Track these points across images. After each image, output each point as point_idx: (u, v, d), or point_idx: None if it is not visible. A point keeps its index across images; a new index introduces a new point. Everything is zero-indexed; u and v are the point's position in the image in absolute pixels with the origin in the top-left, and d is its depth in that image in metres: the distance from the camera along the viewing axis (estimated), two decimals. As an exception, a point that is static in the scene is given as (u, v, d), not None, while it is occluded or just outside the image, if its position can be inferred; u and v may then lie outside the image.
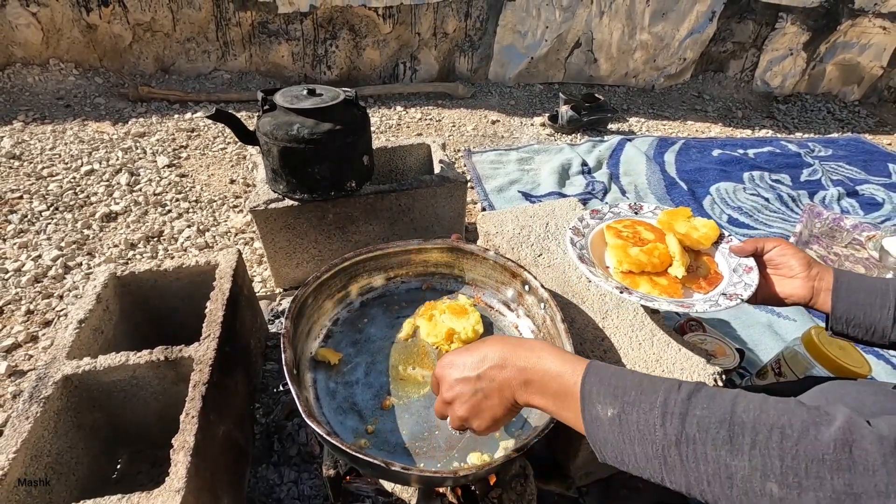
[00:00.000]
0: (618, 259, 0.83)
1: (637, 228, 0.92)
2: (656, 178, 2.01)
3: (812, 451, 0.38)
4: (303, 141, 1.06)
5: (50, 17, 2.19)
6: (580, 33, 2.79)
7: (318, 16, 2.49)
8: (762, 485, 0.39)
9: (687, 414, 0.43)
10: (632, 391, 0.47)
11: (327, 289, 0.90)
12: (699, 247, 0.88)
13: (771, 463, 0.39)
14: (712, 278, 0.84)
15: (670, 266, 0.84)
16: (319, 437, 0.63)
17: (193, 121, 2.19)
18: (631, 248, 0.85)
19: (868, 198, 2.06)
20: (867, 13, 2.86)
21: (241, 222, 1.59)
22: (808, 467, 0.38)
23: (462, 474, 0.60)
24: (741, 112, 2.90)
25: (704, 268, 0.87)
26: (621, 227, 0.91)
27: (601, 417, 0.47)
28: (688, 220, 0.92)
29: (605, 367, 0.51)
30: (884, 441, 0.37)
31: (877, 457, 0.36)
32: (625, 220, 0.95)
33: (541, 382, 0.52)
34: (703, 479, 0.42)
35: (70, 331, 0.84)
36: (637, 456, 0.45)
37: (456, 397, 0.58)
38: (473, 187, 1.90)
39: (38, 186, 1.67)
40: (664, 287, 0.80)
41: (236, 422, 0.88)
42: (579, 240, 0.89)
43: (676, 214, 0.93)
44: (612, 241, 0.87)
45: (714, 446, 0.41)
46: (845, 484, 0.36)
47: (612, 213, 0.97)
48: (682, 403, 0.44)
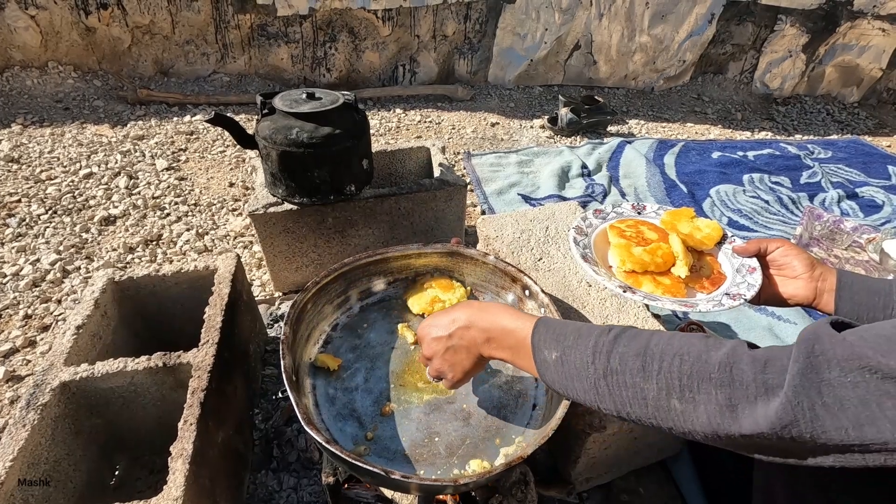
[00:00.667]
0: (621, 258, 0.83)
1: (640, 228, 0.92)
2: (656, 181, 2.01)
3: (703, 371, 0.45)
4: (302, 145, 1.06)
5: (49, 20, 2.19)
6: (579, 35, 2.79)
7: (317, 18, 2.49)
8: (667, 402, 0.47)
9: (612, 351, 0.51)
10: (570, 336, 0.55)
11: (327, 294, 0.89)
12: (702, 247, 0.88)
13: (672, 383, 0.47)
14: (715, 278, 0.84)
15: (673, 266, 0.84)
16: (318, 444, 0.62)
17: (192, 124, 2.19)
18: (634, 247, 0.85)
19: (868, 200, 2.05)
20: (866, 15, 2.86)
21: (240, 226, 1.58)
22: (700, 385, 0.45)
23: (462, 482, 0.60)
24: (740, 114, 2.90)
25: (707, 268, 0.87)
26: (624, 227, 0.91)
27: (548, 360, 0.56)
28: (691, 220, 0.91)
29: (552, 320, 0.60)
30: (756, 361, 0.43)
31: (749, 374, 0.43)
32: (628, 219, 0.95)
33: (500, 338, 0.62)
34: (626, 403, 0.50)
35: (68, 337, 0.83)
36: (577, 389, 0.54)
37: (433, 353, 0.69)
38: (473, 190, 1.89)
39: (37, 190, 1.66)
40: (667, 287, 0.80)
41: (235, 428, 0.88)
42: (582, 239, 0.89)
43: (679, 215, 0.93)
44: (615, 240, 0.87)
45: (631, 374, 0.49)
46: (726, 397, 0.44)
47: (615, 212, 0.97)
48: (608, 343, 0.52)
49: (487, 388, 0.83)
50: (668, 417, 0.47)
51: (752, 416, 0.42)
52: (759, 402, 0.42)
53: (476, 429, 0.77)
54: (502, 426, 0.77)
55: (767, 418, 0.41)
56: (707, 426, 0.45)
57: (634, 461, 0.96)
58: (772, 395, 0.42)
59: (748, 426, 0.42)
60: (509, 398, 0.82)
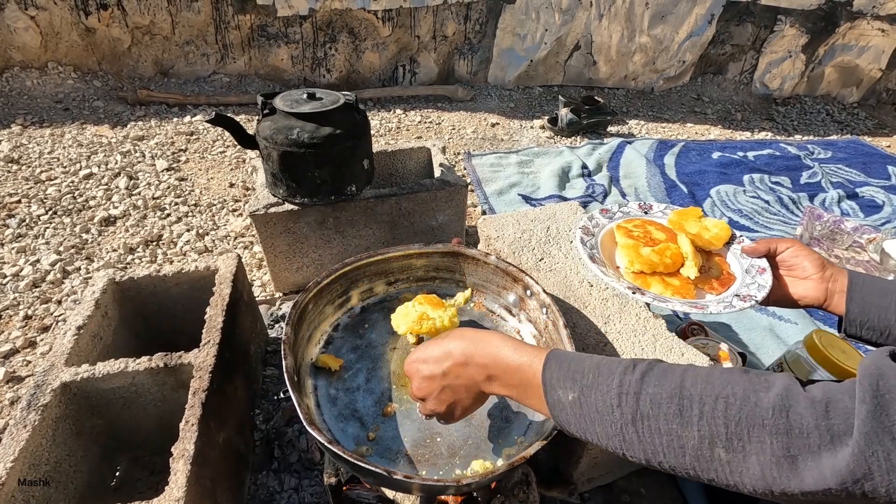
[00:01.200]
0: (629, 259, 0.83)
1: (648, 228, 0.91)
2: (656, 181, 2.01)
3: (753, 417, 0.40)
4: (303, 145, 1.06)
5: (49, 20, 2.19)
6: (579, 36, 2.79)
7: (317, 19, 2.49)
8: (711, 451, 0.42)
9: (640, 392, 0.45)
10: (589, 374, 0.49)
11: (328, 294, 0.89)
12: (711, 247, 0.88)
13: (717, 430, 0.41)
14: (724, 279, 0.84)
15: (682, 266, 0.84)
16: (320, 444, 0.62)
17: (192, 124, 2.19)
18: (642, 247, 0.84)
19: (868, 200, 2.06)
20: (865, 15, 2.87)
21: (240, 226, 1.58)
22: (751, 432, 0.40)
23: (465, 483, 0.59)
24: (740, 114, 2.90)
25: (716, 269, 0.87)
26: (632, 227, 0.90)
27: (563, 401, 0.50)
28: (699, 220, 0.91)
29: (564, 353, 0.53)
30: (816, 405, 0.39)
31: (810, 420, 0.38)
32: (635, 219, 0.94)
33: (503, 376, 0.56)
34: (659, 452, 0.44)
35: (69, 337, 0.83)
36: (598, 434, 0.48)
37: (426, 394, 0.61)
38: (473, 190, 1.89)
39: (37, 190, 1.66)
40: (676, 288, 0.80)
41: (236, 428, 0.88)
42: (589, 239, 0.88)
43: (687, 214, 0.93)
44: (622, 240, 0.87)
45: (666, 420, 0.43)
46: (783, 446, 0.38)
47: (621, 212, 0.96)
48: (636, 383, 0.46)
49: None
50: (710, 468, 0.42)
51: (817, 468, 0.37)
52: (823, 452, 0.37)
53: (478, 429, 0.77)
54: (504, 426, 0.77)
55: (836, 471, 0.36)
56: (760, 480, 0.40)
57: (636, 461, 0.95)
58: (839, 443, 0.37)
59: (811, 481, 0.37)
60: (511, 401, 0.81)
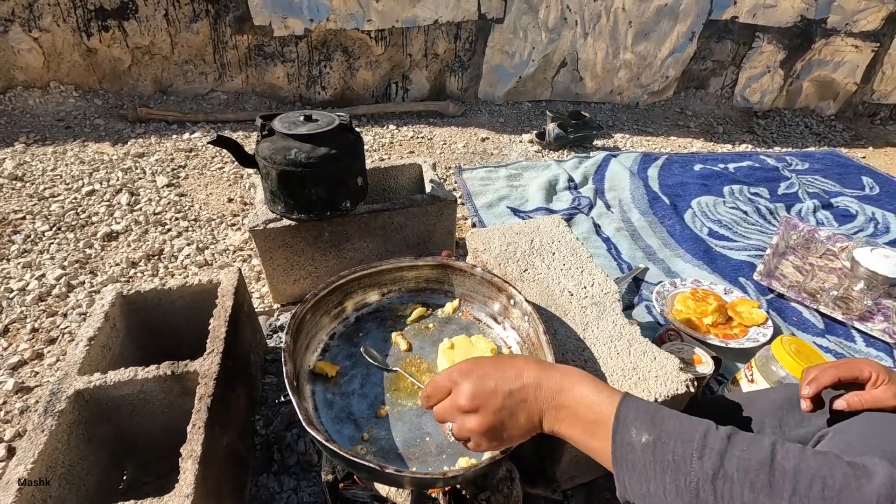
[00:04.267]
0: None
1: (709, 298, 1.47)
2: (640, 193, 2.09)
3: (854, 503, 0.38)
4: (300, 165, 1.12)
5: (51, 41, 2.26)
6: (566, 53, 2.90)
7: (313, 38, 2.58)
8: None
9: (726, 452, 0.43)
10: (671, 422, 0.47)
11: (324, 305, 0.95)
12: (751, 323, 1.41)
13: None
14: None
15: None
16: (318, 443, 0.68)
17: (191, 141, 2.25)
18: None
19: (842, 210, 2.15)
20: (839, 32, 2.99)
21: (239, 240, 1.64)
22: None
23: (451, 475, 0.65)
24: (722, 127, 3.00)
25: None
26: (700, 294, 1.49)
27: (634, 443, 0.47)
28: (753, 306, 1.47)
29: (641, 400, 0.51)
30: None
31: None
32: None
33: (574, 409, 0.51)
34: None
35: (80, 348, 0.89)
36: (666, 487, 0.44)
37: (479, 408, 0.54)
38: (464, 203, 1.96)
39: (41, 207, 1.71)
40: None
41: (238, 433, 0.93)
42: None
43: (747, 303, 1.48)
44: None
45: (752, 489, 0.41)
46: None
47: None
48: (721, 441, 0.44)
49: (475, 392, 0.89)
50: None
51: None
52: None
53: (465, 429, 0.82)
54: (489, 426, 0.83)
55: None
56: None
57: (616, 460, 1.01)
58: None
59: None
60: (496, 400, 0.87)
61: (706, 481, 0.42)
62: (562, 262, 1.14)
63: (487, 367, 0.57)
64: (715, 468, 0.43)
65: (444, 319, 1.03)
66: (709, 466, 0.43)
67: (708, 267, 1.69)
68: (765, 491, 0.41)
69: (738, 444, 0.44)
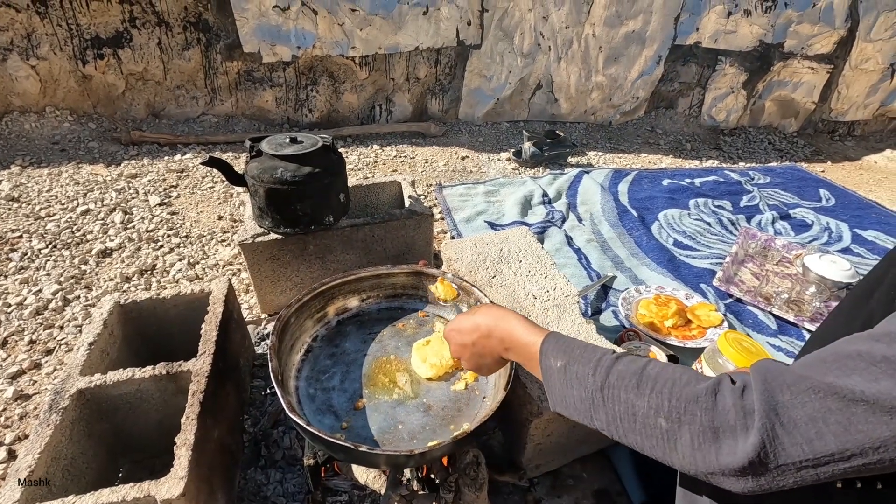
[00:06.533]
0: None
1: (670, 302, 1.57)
2: (609, 207, 2.21)
3: (690, 394, 0.50)
4: (286, 183, 1.23)
5: (48, 69, 2.36)
6: (541, 77, 3.06)
7: (300, 64, 2.71)
8: (655, 420, 0.51)
9: (612, 368, 0.57)
10: (577, 350, 0.63)
11: (308, 309, 1.04)
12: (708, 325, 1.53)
13: (662, 403, 0.51)
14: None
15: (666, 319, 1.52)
16: (299, 427, 0.76)
17: (183, 162, 2.35)
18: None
19: (799, 220, 2.29)
20: (796, 55, 3.20)
21: (228, 255, 1.72)
22: (686, 407, 0.50)
23: (418, 452, 0.74)
24: (690, 144, 3.17)
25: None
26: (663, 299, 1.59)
27: (552, 367, 0.63)
28: (711, 310, 1.59)
29: (561, 336, 0.68)
30: (735, 389, 0.49)
31: (729, 400, 0.48)
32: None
33: (515, 349, 0.72)
34: (618, 417, 0.55)
35: (81, 352, 0.96)
36: (574, 398, 0.60)
37: (460, 356, 0.82)
38: (444, 218, 2.07)
39: (37, 226, 1.79)
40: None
41: (228, 429, 1.01)
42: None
43: (705, 307, 1.60)
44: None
45: (626, 391, 0.54)
46: (709, 420, 0.48)
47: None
48: (610, 361, 0.58)
49: (446, 387, 0.98)
50: (652, 435, 0.51)
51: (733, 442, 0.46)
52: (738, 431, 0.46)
53: (434, 418, 0.91)
54: (456, 415, 0.92)
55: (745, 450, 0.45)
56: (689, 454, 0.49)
57: (579, 450, 1.10)
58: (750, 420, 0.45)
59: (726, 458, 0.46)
60: (464, 394, 0.97)
61: (597, 390, 0.57)
62: (527, 270, 1.25)
63: (460, 323, 0.82)
64: (603, 380, 0.57)
65: (420, 321, 1.12)
66: (599, 379, 0.57)
67: (671, 274, 1.81)
68: (634, 391, 0.54)
69: (622, 362, 0.57)
